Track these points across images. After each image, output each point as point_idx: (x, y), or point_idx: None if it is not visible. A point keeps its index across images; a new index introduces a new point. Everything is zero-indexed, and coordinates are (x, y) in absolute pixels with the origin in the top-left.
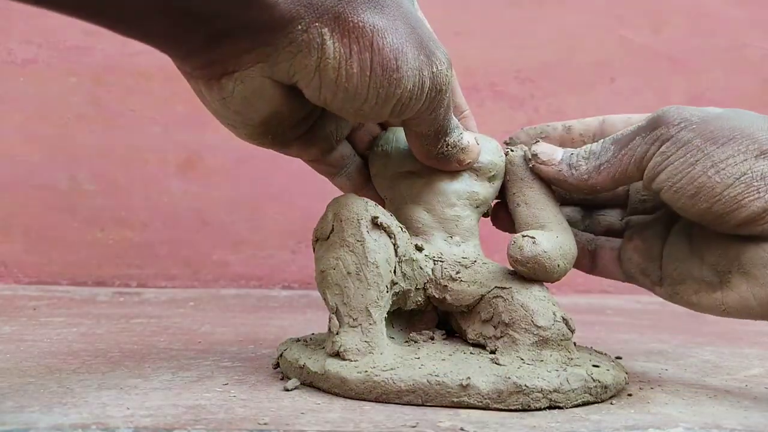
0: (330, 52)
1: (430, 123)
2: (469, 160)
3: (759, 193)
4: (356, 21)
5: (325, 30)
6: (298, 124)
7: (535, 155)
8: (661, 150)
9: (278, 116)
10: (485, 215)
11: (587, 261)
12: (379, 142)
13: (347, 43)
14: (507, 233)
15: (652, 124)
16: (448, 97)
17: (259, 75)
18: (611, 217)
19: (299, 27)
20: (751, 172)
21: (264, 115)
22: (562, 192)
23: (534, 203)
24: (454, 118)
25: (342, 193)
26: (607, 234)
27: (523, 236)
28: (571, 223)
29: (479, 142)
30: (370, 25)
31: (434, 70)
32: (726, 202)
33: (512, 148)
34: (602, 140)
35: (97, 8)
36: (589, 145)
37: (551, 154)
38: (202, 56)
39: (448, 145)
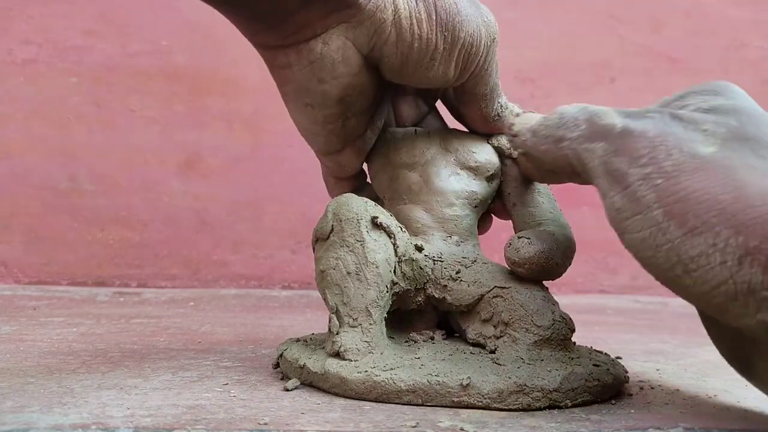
0: (401, 3)
1: (486, 80)
2: (518, 128)
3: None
4: None
5: None
6: (366, 110)
7: (510, 126)
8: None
9: (354, 90)
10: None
11: None
12: (378, 143)
13: None
14: (506, 233)
15: (600, 134)
16: (496, 54)
17: (343, 35)
18: None
19: None
20: (734, 283)
21: (343, 85)
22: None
23: (529, 202)
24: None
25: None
26: None
27: (519, 237)
28: None
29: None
30: None
31: (485, 19)
32: (710, 306)
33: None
34: (582, 108)
35: None
36: (563, 108)
37: (525, 122)
38: (295, 19)
39: (501, 106)
